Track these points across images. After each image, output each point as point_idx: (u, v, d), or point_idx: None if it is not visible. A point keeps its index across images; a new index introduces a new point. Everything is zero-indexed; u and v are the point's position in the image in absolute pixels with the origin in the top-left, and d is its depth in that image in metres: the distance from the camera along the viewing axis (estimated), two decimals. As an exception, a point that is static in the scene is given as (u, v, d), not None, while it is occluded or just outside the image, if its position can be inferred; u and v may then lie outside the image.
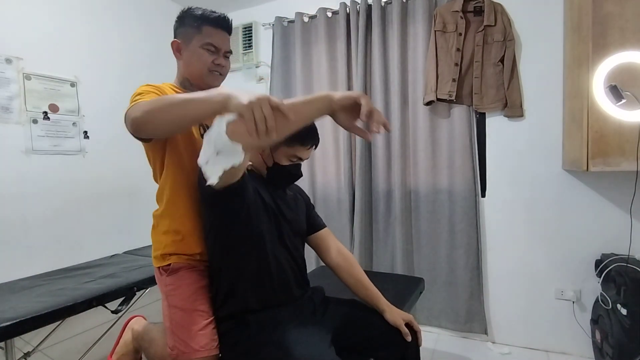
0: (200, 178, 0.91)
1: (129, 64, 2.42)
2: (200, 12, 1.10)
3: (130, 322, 1.44)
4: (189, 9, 1.12)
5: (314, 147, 1.16)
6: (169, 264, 1.13)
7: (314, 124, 1.12)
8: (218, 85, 1.20)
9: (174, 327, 1.10)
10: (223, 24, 1.12)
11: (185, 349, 1.06)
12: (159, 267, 1.17)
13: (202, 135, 1.13)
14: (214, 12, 1.12)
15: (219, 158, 0.80)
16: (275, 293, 1.08)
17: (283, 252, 1.13)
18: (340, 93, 0.91)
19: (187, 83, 1.16)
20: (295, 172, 1.16)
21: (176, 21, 1.14)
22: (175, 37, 1.14)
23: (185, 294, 1.11)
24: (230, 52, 1.17)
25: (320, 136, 1.18)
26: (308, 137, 1.12)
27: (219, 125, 0.78)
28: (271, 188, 1.15)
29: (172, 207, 1.11)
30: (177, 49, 1.14)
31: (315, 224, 1.30)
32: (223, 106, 0.81)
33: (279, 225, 1.12)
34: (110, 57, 2.31)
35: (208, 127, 1.11)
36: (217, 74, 1.14)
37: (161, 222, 1.13)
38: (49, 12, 2.02)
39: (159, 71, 2.61)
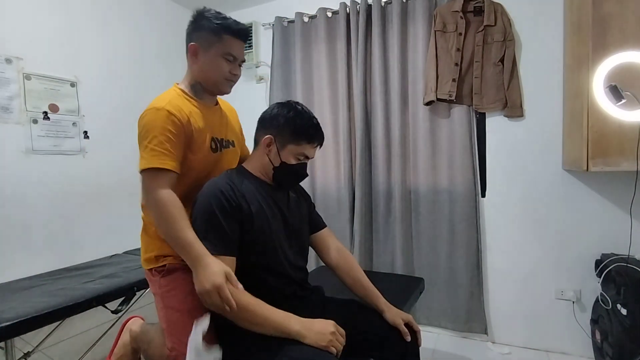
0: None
1: (129, 64, 2.42)
2: (220, 20, 1.09)
3: (127, 323, 1.44)
4: (206, 12, 1.10)
5: (319, 145, 1.17)
6: (164, 265, 1.13)
7: (319, 123, 1.15)
8: (229, 92, 1.21)
9: (171, 328, 1.10)
10: (243, 34, 1.13)
11: (185, 348, 1.06)
12: (151, 269, 1.17)
13: (212, 149, 1.15)
14: (236, 21, 1.12)
15: (200, 357, 0.93)
16: (277, 294, 1.08)
17: (288, 256, 1.14)
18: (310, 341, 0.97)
19: (198, 87, 1.15)
20: (302, 171, 1.17)
21: (192, 23, 1.12)
22: (191, 41, 1.11)
23: (182, 294, 1.11)
24: (244, 60, 1.18)
25: None
26: (315, 135, 1.13)
27: (196, 333, 0.92)
28: (275, 191, 1.15)
29: None
30: (194, 52, 1.11)
31: (316, 224, 1.30)
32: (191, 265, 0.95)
33: (284, 231, 1.13)
34: (110, 57, 2.31)
35: (219, 141, 1.16)
36: (231, 82, 1.17)
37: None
38: (49, 12, 2.02)
39: (158, 71, 2.62)
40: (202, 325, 0.94)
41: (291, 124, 1.09)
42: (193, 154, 1.10)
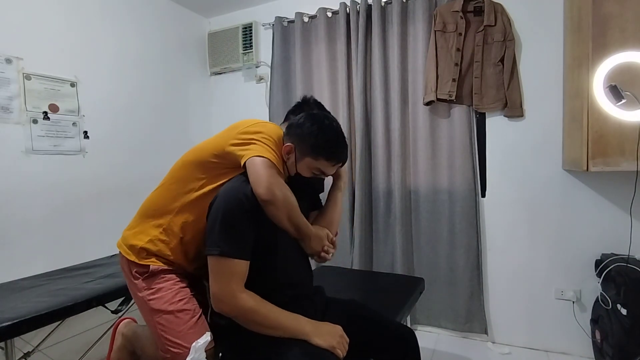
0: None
1: (129, 64, 2.42)
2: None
3: (119, 327, 1.42)
4: (314, 101, 1.30)
5: (340, 164, 1.13)
6: (147, 267, 1.12)
7: (345, 141, 1.11)
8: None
9: (161, 331, 1.08)
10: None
11: (180, 349, 1.05)
12: (130, 265, 1.15)
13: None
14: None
15: None
16: (281, 296, 1.07)
17: (295, 258, 1.14)
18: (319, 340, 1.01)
19: None
20: (316, 186, 1.14)
21: (304, 105, 1.28)
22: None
23: (168, 296, 1.10)
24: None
25: None
26: (336, 153, 1.08)
27: (198, 351, 0.93)
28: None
29: (194, 214, 1.13)
30: None
31: (316, 204, 1.30)
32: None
33: (286, 232, 1.13)
34: (110, 57, 2.31)
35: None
36: None
37: (172, 220, 1.14)
38: (49, 12, 2.01)
39: (159, 71, 2.62)
40: (203, 343, 0.95)
41: (312, 137, 1.06)
42: None
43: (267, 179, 0.99)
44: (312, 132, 1.06)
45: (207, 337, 0.96)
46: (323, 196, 1.28)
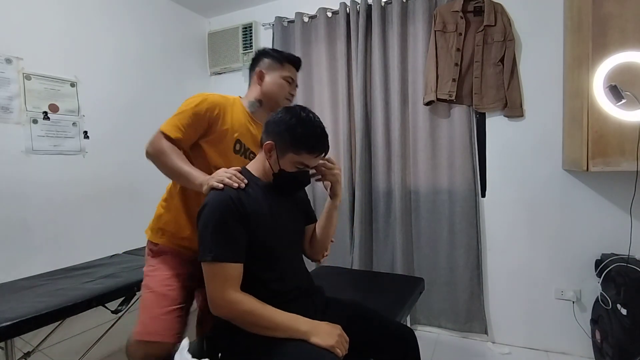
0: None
1: (129, 64, 2.42)
2: (281, 52, 1.36)
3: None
4: (270, 48, 1.38)
5: (322, 155, 1.13)
6: (157, 245, 1.22)
7: (324, 131, 1.11)
8: None
9: (141, 307, 1.15)
10: (299, 64, 1.39)
11: (142, 329, 1.09)
12: (148, 244, 1.27)
13: (235, 149, 1.26)
14: (291, 54, 1.40)
15: None
16: (280, 297, 1.08)
17: (291, 259, 1.15)
18: (318, 340, 0.99)
19: (257, 104, 1.33)
20: (301, 178, 1.14)
21: (258, 54, 1.36)
22: (257, 67, 1.33)
23: (161, 277, 1.17)
24: (297, 85, 1.40)
25: None
26: (316, 144, 1.08)
27: (182, 353, 0.96)
28: (279, 195, 1.14)
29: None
30: (260, 76, 1.32)
31: (310, 217, 1.32)
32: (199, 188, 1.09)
33: (288, 235, 1.14)
34: (110, 57, 2.31)
35: (245, 147, 1.29)
36: (288, 100, 1.35)
37: (172, 189, 1.26)
38: (49, 12, 2.01)
39: (160, 71, 2.62)
40: (182, 348, 0.98)
41: (291, 132, 1.05)
42: (209, 145, 1.22)
43: (151, 142, 1.15)
44: (290, 126, 1.05)
45: (185, 342, 0.98)
46: (321, 198, 1.29)
